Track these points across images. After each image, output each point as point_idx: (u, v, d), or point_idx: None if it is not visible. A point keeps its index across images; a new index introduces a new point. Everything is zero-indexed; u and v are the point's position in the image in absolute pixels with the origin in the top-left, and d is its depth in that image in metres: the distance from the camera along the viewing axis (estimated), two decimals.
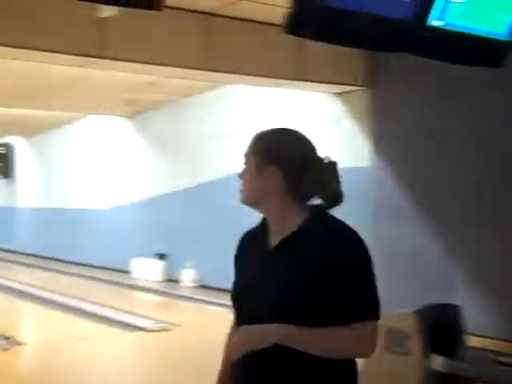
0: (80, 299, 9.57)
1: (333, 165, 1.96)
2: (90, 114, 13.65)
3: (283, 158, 1.92)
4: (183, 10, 6.69)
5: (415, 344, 3.45)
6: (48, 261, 14.84)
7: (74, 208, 14.74)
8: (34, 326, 9.05)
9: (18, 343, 6.99)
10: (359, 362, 1.93)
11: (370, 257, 1.89)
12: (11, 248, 17.27)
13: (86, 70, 8.15)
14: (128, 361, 6.74)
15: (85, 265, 13.64)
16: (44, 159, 16.45)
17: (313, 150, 1.97)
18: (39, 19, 6.02)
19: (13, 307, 10.29)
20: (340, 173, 1.95)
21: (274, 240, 1.94)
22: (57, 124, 15.01)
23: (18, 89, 10.28)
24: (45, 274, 13.35)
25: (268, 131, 2.02)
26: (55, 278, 12.69)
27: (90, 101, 11.63)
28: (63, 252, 14.84)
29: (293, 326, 1.81)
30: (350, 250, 1.86)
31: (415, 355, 3.45)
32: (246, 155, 2.00)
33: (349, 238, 1.89)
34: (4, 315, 9.49)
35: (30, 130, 15.86)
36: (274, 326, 1.81)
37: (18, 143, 17.66)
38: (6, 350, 6.61)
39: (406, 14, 3.22)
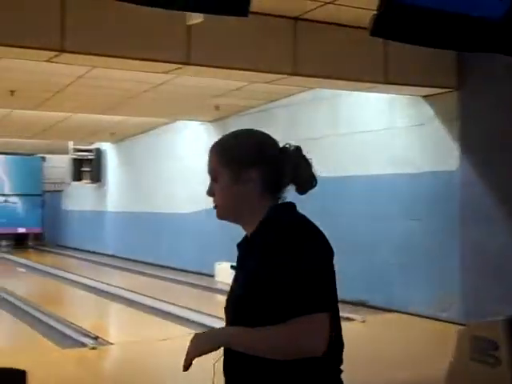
0: (165, 302, 9.74)
1: (299, 150, 1.94)
2: (177, 119, 13.93)
3: (258, 159, 1.88)
4: (269, 15, 6.73)
5: (504, 354, 3.33)
6: (135, 263, 15.20)
7: (159, 212, 15.05)
8: (121, 327, 9.28)
9: (106, 343, 7.18)
10: (444, 370, 1.87)
11: (315, 252, 1.78)
12: (101, 251, 17.78)
13: (173, 76, 8.33)
14: (209, 363, 6.79)
15: (170, 268, 13.89)
16: (131, 164, 16.87)
17: (276, 142, 1.97)
18: (128, 28, 6.19)
19: (102, 308, 10.60)
20: (424, 175, 1.91)
21: None
22: (145, 129, 15.38)
23: (108, 96, 10.59)
24: (133, 277, 13.68)
25: (226, 139, 2.00)
26: (142, 281, 12.98)
27: (177, 107, 11.86)
28: (150, 255, 15.17)
29: (238, 327, 1.80)
30: (289, 247, 1.75)
31: (504, 366, 3.33)
32: (214, 169, 1.95)
33: (290, 235, 1.79)
34: (93, 316, 9.80)
35: (119, 135, 16.31)
36: (221, 328, 1.85)
37: (107, 148, 18.19)
38: (93, 349, 6.80)
39: (496, 13, 3.12)
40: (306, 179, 1.91)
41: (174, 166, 14.50)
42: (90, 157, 18.32)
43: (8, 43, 5.83)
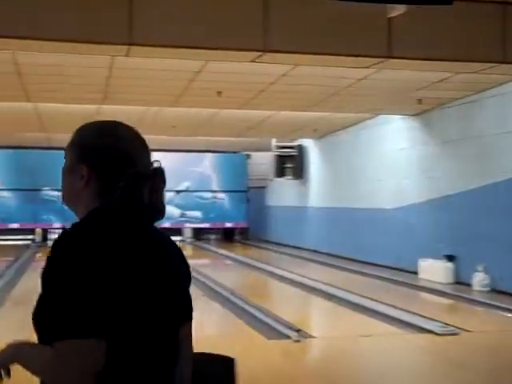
0: (366, 297, 9.67)
1: (157, 172, 1.71)
2: (378, 114, 13.76)
3: (96, 158, 1.69)
4: (475, 1, 6.41)
5: None
6: (336, 258, 15.28)
7: (361, 207, 14.99)
8: (322, 321, 9.36)
9: (308, 336, 7.27)
10: None
11: (80, 267, 1.54)
12: (303, 246, 18.11)
13: (374, 71, 8.23)
14: (412, 362, 6.63)
15: (371, 264, 13.79)
16: (332, 160, 16.97)
17: (135, 150, 1.71)
18: (329, 24, 6.21)
19: (304, 302, 10.76)
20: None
21: None
22: (346, 125, 15.39)
23: (311, 93, 10.73)
24: (333, 272, 13.76)
25: (91, 124, 1.77)
26: (343, 276, 13.01)
27: (378, 101, 11.72)
28: (350, 250, 15.17)
29: (26, 343, 1.64)
30: (56, 260, 1.57)
31: None
32: (65, 149, 1.76)
33: (61, 245, 1.59)
34: (296, 309, 9.98)
35: (321, 131, 16.48)
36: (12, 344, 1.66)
37: (309, 145, 18.46)
38: (296, 341, 6.92)
39: None
40: (144, 206, 1.69)
41: (376, 161, 14.36)
42: (292, 153, 18.69)
43: (215, 46, 6.11)
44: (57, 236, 1.64)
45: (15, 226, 20.15)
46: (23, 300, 10.30)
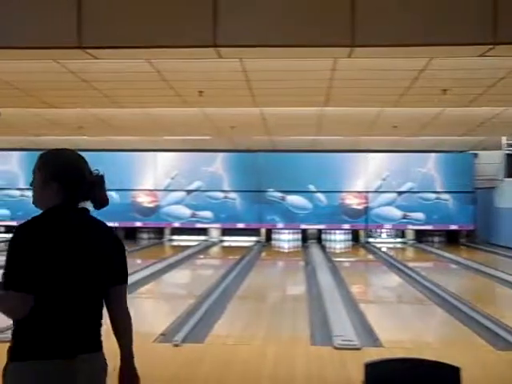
0: None
1: (99, 178, 2.64)
2: None
3: (62, 176, 2.58)
4: None
5: None
6: None
7: None
8: None
9: None
10: None
11: (14, 242, 2.48)
12: None
13: None
14: None
15: None
16: None
17: (83, 167, 2.61)
18: None
19: None
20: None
21: None
22: None
23: None
24: None
25: (50, 152, 2.63)
26: None
27: None
28: None
29: None
30: (10, 240, 2.50)
31: None
32: (34, 171, 2.62)
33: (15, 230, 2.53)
34: None
35: None
36: None
37: None
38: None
39: None
40: (96, 200, 2.63)
41: None
42: None
43: (439, 42, 5.89)
44: None
45: (241, 225, 21.17)
46: (249, 295, 10.81)
